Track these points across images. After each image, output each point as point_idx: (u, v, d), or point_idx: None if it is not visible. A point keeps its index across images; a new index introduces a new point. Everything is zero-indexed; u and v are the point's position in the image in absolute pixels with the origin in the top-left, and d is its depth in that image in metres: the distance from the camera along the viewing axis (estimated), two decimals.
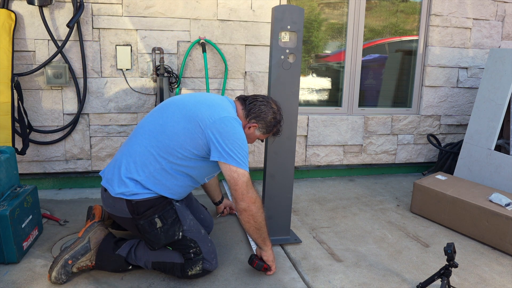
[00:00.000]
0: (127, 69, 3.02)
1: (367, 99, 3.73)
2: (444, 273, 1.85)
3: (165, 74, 3.01)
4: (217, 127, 1.81)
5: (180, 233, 1.91)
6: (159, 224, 1.86)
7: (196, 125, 1.83)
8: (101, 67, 2.98)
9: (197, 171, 1.93)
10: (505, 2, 3.66)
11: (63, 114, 2.98)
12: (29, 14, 2.79)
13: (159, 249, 1.92)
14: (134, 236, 2.16)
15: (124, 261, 1.93)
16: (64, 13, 2.84)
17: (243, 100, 2.03)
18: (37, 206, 2.29)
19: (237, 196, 1.85)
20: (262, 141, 2.16)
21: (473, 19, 3.62)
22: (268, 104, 2.02)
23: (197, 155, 1.86)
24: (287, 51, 2.19)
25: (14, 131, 2.74)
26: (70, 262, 1.86)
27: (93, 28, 2.91)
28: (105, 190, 1.92)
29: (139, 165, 1.85)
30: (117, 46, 2.96)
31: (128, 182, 1.84)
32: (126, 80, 3.03)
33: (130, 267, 1.96)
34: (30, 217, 2.18)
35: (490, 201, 2.53)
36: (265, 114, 1.99)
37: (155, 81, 3.04)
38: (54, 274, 1.83)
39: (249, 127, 1.99)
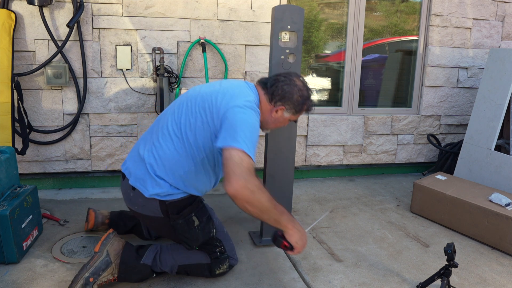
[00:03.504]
0: (127, 69, 3.02)
1: (367, 99, 3.73)
2: (444, 273, 1.85)
3: (165, 74, 3.01)
4: (228, 115, 1.67)
5: (214, 230, 1.90)
6: (196, 222, 1.84)
7: (211, 117, 1.74)
8: (101, 67, 2.98)
9: (220, 165, 1.88)
10: (505, 2, 3.66)
11: (63, 114, 2.98)
12: (29, 14, 2.79)
13: (185, 251, 1.91)
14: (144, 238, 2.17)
15: (150, 269, 1.89)
16: (64, 13, 2.84)
17: (264, 83, 1.87)
18: (37, 206, 2.29)
19: (224, 177, 1.55)
20: (295, 122, 2.03)
21: (473, 19, 3.62)
22: (292, 82, 1.85)
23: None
24: (287, 51, 2.19)
25: (14, 131, 2.73)
26: (91, 280, 1.74)
27: (93, 28, 2.91)
28: (133, 188, 1.84)
29: (168, 168, 1.79)
30: (117, 46, 2.96)
31: (163, 183, 1.78)
32: (126, 80, 3.03)
33: (154, 275, 1.92)
34: (30, 217, 2.18)
35: (490, 201, 2.53)
36: (290, 94, 1.83)
37: (155, 81, 3.04)
38: None
39: (276, 111, 1.85)
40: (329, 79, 3.64)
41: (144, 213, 1.87)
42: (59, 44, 2.85)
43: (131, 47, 2.99)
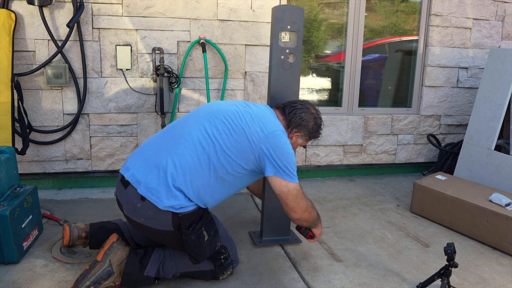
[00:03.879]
0: (127, 69, 3.02)
1: (367, 99, 3.73)
2: (444, 273, 1.85)
3: (165, 74, 3.01)
4: (270, 142, 1.80)
5: (219, 243, 1.90)
6: (206, 237, 1.81)
7: (246, 139, 1.80)
8: (101, 67, 2.98)
9: (239, 184, 1.91)
10: (505, 2, 3.66)
11: (63, 114, 2.98)
12: (29, 14, 2.79)
13: (188, 259, 1.89)
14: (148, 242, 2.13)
15: (153, 279, 1.87)
16: (64, 13, 2.84)
17: (282, 109, 2.00)
18: (37, 206, 2.29)
19: (288, 209, 1.88)
20: (304, 147, 2.15)
21: (473, 19, 3.62)
22: (308, 110, 2.00)
23: (246, 169, 1.84)
24: (287, 51, 2.19)
25: (14, 131, 2.73)
26: None
27: (93, 28, 2.91)
28: (142, 199, 1.74)
29: (188, 178, 1.75)
30: (117, 46, 2.96)
31: (179, 195, 1.74)
32: (126, 80, 3.03)
33: (156, 281, 1.90)
34: (30, 217, 2.18)
35: (490, 201, 2.53)
36: (307, 121, 1.98)
37: (155, 81, 3.04)
38: None
39: (291, 137, 1.98)
40: (329, 79, 3.64)
41: (150, 226, 1.77)
42: (59, 44, 2.85)
43: (131, 47, 2.99)
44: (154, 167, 1.77)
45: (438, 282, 1.90)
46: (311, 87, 3.62)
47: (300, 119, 1.97)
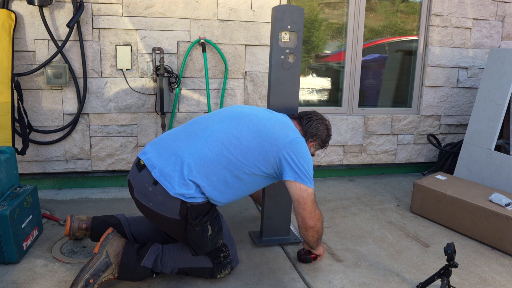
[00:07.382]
0: (127, 69, 3.02)
1: (367, 99, 3.73)
2: (444, 273, 1.85)
3: (165, 74, 3.02)
4: (292, 148, 1.88)
5: (221, 240, 1.91)
6: (209, 231, 1.83)
7: (270, 143, 1.87)
8: (101, 67, 2.98)
9: (253, 186, 1.94)
10: (505, 2, 3.66)
11: (63, 114, 2.98)
12: (29, 14, 2.79)
13: (187, 255, 1.90)
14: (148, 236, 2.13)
15: (150, 271, 1.88)
16: (64, 13, 2.84)
17: (299, 119, 2.11)
18: (37, 206, 2.29)
19: (305, 215, 1.92)
20: (312, 155, 2.18)
21: (473, 19, 3.62)
22: (323, 122, 2.12)
23: (264, 172, 1.89)
24: (287, 51, 2.19)
25: (14, 131, 2.74)
26: (91, 281, 1.74)
27: (93, 28, 2.91)
28: (155, 183, 1.78)
29: (203, 172, 1.79)
30: (117, 46, 2.96)
31: (192, 185, 1.77)
32: (126, 80, 3.03)
33: (154, 275, 1.91)
34: (30, 217, 2.18)
35: (490, 201, 2.53)
36: (321, 132, 2.11)
37: (155, 81, 3.04)
38: None
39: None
40: (329, 79, 3.64)
41: (158, 211, 1.80)
42: (59, 44, 2.85)
43: (131, 47, 2.99)
44: (172, 154, 1.82)
45: (438, 282, 1.90)
46: (311, 87, 3.62)
47: (316, 130, 2.08)
